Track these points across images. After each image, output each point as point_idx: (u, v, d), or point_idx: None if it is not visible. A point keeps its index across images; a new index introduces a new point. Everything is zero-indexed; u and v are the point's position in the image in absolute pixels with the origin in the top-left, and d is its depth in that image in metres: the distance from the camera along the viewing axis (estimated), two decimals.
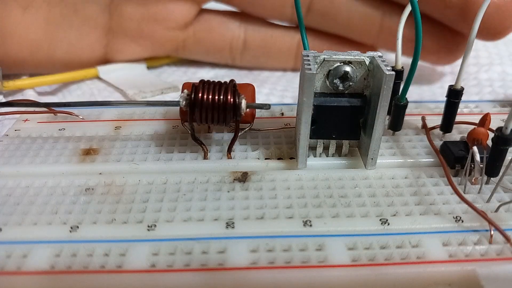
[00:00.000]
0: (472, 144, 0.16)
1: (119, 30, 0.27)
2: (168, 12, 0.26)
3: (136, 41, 0.27)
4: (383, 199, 0.16)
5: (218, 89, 0.17)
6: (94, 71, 0.27)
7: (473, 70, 0.29)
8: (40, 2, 0.24)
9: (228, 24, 0.28)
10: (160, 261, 0.14)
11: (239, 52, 0.28)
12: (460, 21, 0.22)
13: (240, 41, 0.28)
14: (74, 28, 0.25)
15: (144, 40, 0.27)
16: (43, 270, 0.13)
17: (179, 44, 0.28)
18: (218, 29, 0.28)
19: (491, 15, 0.21)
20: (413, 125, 0.20)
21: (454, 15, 0.23)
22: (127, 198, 0.16)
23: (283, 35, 0.28)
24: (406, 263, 0.14)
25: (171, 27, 0.27)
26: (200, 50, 0.29)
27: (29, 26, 0.24)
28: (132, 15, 0.26)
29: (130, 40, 0.27)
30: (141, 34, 0.27)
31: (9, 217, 0.15)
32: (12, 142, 0.19)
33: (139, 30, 0.27)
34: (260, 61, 0.29)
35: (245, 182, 0.17)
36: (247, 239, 0.14)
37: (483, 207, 0.16)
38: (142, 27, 0.27)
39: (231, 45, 0.28)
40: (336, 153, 0.18)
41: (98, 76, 0.28)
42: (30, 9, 0.24)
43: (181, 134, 0.20)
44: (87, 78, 0.28)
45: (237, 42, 0.28)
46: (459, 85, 0.18)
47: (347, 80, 0.16)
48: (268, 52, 0.28)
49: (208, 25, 0.28)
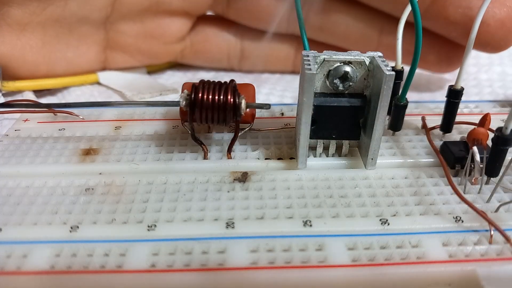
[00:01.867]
0: (472, 144, 0.16)
1: (116, 46, 0.27)
2: (164, 27, 0.26)
3: (134, 56, 0.27)
4: (383, 199, 0.16)
5: (218, 89, 0.17)
6: (94, 76, 0.27)
7: (473, 70, 0.29)
8: (34, 25, 0.24)
9: (224, 34, 0.28)
10: (160, 261, 0.14)
11: (237, 60, 0.28)
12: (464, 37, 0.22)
13: (237, 50, 0.28)
14: (71, 47, 0.26)
15: (142, 55, 0.28)
16: (43, 270, 0.13)
17: (177, 55, 0.28)
18: (215, 39, 0.28)
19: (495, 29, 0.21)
20: (413, 125, 0.20)
21: (458, 31, 0.23)
22: (127, 198, 0.16)
23: (281, 42, 0.28)
24: (406, 263, 0.14)
25: (167, 41, 0.27)
26: (198, 59, 0.29)
27: (25, 47, 0.24)
28: (128, 32, 0.26)
29: (128, 55, 0.27)
30: (138, 50, 0.27)
31: (9, 217, 0.15)
32: (12, 142, 0.19)
33: (136, 46, 0.27)
34: (259, 68, 0.29)
35: (245, 182, 0.17)
36: (247, 239, 0.14)
37: (483, 207, 0.16)
38: (139, 43, 0.27)
39: (229, 54, 0.28)
40: (336, 153, 0.18)
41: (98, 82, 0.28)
42: (24, 32, 0.24)
43: (181, 134, 0.20)
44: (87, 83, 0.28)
45: (234, 51, 0.28)
46: (459, 85, 0.18)
47: (347, 80, 0.16)
48: (266, 60, 0.28)
49: (204, 36, 0.28)
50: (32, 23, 0.24)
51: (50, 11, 0.24)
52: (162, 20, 0.26)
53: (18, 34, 0.24)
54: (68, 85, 0.27)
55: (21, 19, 0.23)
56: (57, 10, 0.24)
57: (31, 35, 0.24)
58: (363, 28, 0.25)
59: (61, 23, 0.25)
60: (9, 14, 0.23)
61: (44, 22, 0.24)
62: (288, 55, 0.28)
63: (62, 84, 0.26)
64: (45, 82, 0.26)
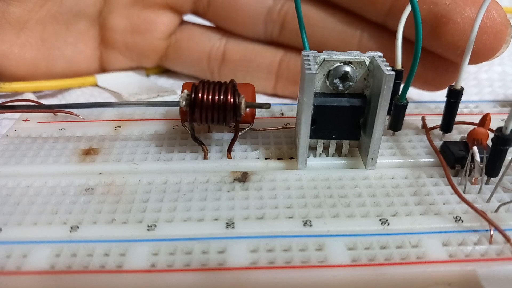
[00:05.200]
0: (472, 144, 0.16)
1: (107, 42, 0.27)
2: (150, 23, 0.27)
3: (122, 52, 0.28)
4: (383, 199, 0.16)
5: (218, 89, 0.17)
6: (92, 79, 0.27)
7: (473, 70, 0.29)
8: (33, 23, 0.24)
9: (209, 35, 0.28)
10: (160, 261, 0.14)
11: (218, 64, 0.28)
12: (430, 37, 0.21)
13: (219, 53, 0.27)
14: (69, 44, 0.26)
15: (130, 52, 0.28)
16: (43, 270, 0.13)
17: (162, 54, 0.28)
18: (198, 38, 0.28)
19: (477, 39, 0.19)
20: (413, 125, 0.20)
21: (424, 30, 0.21)
22: (127, 198, 0.16)
23: (265, 51, 0.27)
24: (406, 263, 0.14)
25: (154, 38, 0.27)
26: (179, 59, 0.28)
27: (25, 45, 0.24)
28: (116, 27, 0.26)
29: (117, 52, 0.27)
30: (126, 46, 0.27)
31: (9, 217, 0.15)
32: (12, 142, 0.19)
33: (123, 42, 0.27)
34: (238, 76, 0.27)
35: (245, 182, 0.17)
36: (247, 239, 0.14)
37: (483, 207, 0.16)
38: (126, 38, 0.27)
39: (210, 56, 0.27)
40: (336, 153, 0.18)
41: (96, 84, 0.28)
42: (24, 30, 0.24)
43: (181, 134, 0.20)
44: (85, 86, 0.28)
45: (216, 54, 0.27)
46: (459, 85, 0.18)
47: (347, 80, 0.16)
48: (247, 66, 0.27)
49: (189, 34, 0.28)
50: (31, 20, 0.24)
51: (47, 7, 0.24)
52: (148, 16, 0.26)
53: (17, 32, 0.24)
54: (66, 87, 0.27)
55: (20, 17, 0.23)
56: (54, 6, 0.24)
57: (30, 32, 0.24)
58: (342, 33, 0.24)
59: (58, 19, 0.25)
60: (8, 11, 0.23)
61: (42, 19, 0.24)
62: (271, 66, 0.27)
63: (60, 86, 0.26)
64: (42, 84, 0.26)
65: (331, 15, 0.24)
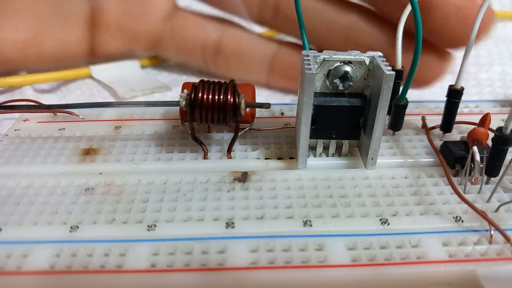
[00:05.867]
0: (472, 144, 0.16)
1: (99, 24, 0.27)
2: (144, 6, 0.26)
3: (114, 36, 0.27)
4: (383, 199, 0.16)
5: (218, 89, 0.17)
6: (87, 70, 0.27)
7: (473, 70, 0.29)
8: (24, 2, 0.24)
9: (204, 24, 0.27)
10: (160, 261, 0.14)
11: (211, 54, 0.27)
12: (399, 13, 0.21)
13: (213, 43, 0.27)
14: (59, 25, 0.26)
15: (122, 35, 0.27)
16: (43, 270, 0.13)
17: (156, 40, 0.28)
18: (193, 27, 0.27)
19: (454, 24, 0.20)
20: (413, 125, 0.20)
21: None
22: (127, 198, 0.16)
23: (259, 43, 0.27)
24: (406, 263, 0.14)
25: (147, 21, 0.27)
26: (173, 47, 0.28)
27: (16, 25, 0.24)
28: (109, 8, 0.26)
29: (109, 34, 0.27)
30: (118, 29, 0.27)
31: (9, 217, 0.15)
32: (12, 142, 0.19)
33: (116, 25, 0.27)
34: (231, 67, 0.28)
35: (245, 182, 0.17)
36: (247, 239, 0.14)
37: (483, 207, 0.16)
38: (119, 21, 0.27)
39: (204, 46, 0.27)
40: (336, 153, 0.18)
41: (90, 76, 0.28)
42: (15, 10, 0.24)
43: (181, 134, 0.20)
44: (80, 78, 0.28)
45: (210, 44, 0.27)
46: (459, 85, 0.18)
47: (347, 80, 0.16)
48: (241, 57, 0.27)
49: (184, 23, 0.27)
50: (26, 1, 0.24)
51: None
52: None
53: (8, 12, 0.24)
54: (61, 79, 0.27)
55: None
56: None
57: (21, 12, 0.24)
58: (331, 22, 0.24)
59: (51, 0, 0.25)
60: None
61: None
62: (264, 58, 0.27)
63: (55, 78, 0.26)
64: (38, 77, 0.26)
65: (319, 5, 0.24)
